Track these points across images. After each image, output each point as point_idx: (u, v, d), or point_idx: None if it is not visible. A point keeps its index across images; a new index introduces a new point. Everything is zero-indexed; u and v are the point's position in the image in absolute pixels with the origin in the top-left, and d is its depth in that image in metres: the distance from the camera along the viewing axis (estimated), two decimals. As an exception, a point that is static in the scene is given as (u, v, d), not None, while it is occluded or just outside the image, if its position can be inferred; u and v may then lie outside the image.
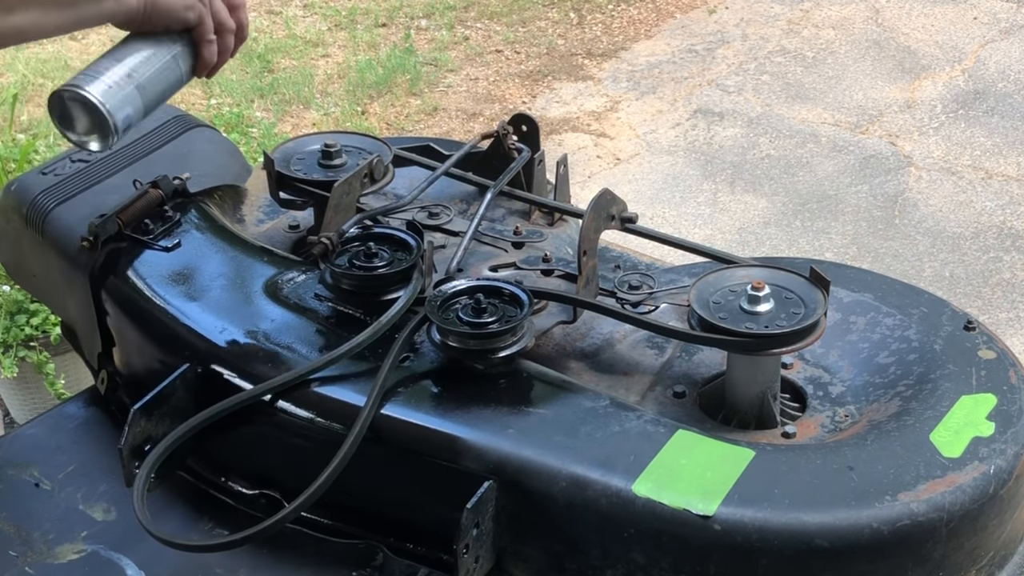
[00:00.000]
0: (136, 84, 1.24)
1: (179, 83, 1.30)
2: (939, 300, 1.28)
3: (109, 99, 1.21)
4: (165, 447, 1.12)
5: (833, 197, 3.83)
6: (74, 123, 1.22)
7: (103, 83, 1.22)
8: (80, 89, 1.21)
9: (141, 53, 1.26)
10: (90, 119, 1.21)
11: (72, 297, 1.42)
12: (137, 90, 1.24)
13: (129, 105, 1.23)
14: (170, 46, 1.28)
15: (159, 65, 1.27)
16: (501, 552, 1.11)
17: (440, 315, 1.17)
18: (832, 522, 1.00)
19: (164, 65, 1.27)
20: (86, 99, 1.20)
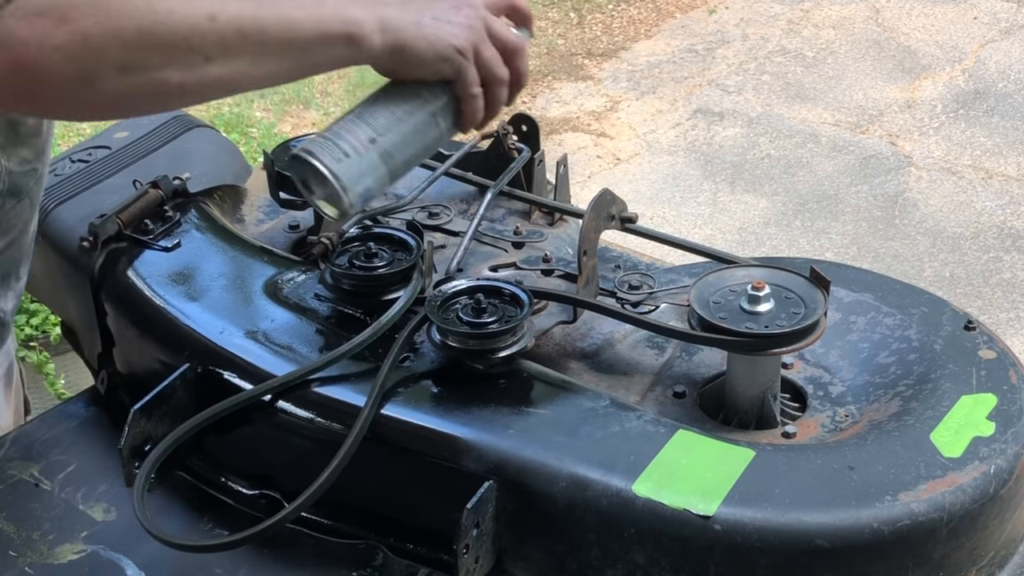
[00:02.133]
0: (380, 151, 1.05)
1: (438, 142, 1.11)
2: (939, 300, 1.28)
3: (344, 170, 1.03)
4: (165, 447, 1.12)
5: (833, 197, 3.84)
6: (311, 186, 1.06)
7: (339, 149, 1.04)
8: (312, 157, 1.04)
9: (392, 113, 1.06)
10: (324, 188, 1.05)
11: (72, 297, 1.42)
12: (381, 158, 1.05)
13: (369, 176, 1.05)
14: (429, 101, 1.07)
15: (412, 125, 1.07)
16: (501, 552, 1.11)
17: (440, 315, 1.17)
18: (832, 522, 1.00)
19: (418, 125, 1.07)
20: (315, 168, 1.03)
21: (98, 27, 0.94)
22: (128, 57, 0.95)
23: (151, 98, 1.02)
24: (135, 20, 0.95)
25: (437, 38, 1.04)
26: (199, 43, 0.97)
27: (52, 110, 1.07)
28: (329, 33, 1.01)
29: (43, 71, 0.94)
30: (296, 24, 1.00)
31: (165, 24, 0.96)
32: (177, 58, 0.97)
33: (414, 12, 1.04)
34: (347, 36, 1.02)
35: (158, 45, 0.96)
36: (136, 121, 1.61)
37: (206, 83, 1.00)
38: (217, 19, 0.97)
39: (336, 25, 1.01)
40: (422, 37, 1.03)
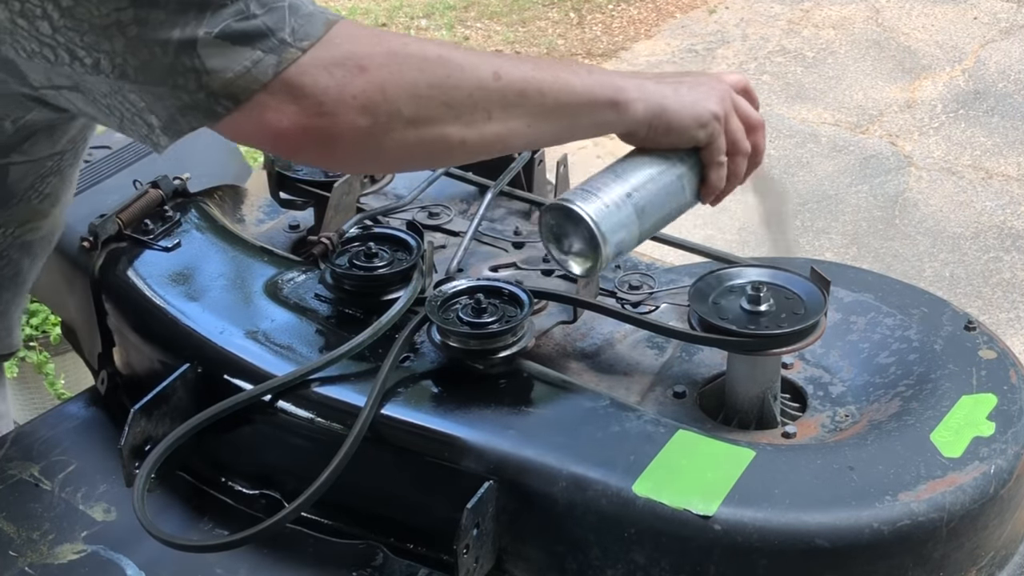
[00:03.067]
0: (635, 205, 1.07)
1: (682, 208, 1.13)
2: (939, 300, 1.28)
3: (604, 219, 1.05)
4: (165, 447, 1.12)
5: (833, 197, 3.83)
6: (562, 240, 1.08)
7: (599, 201, 1.06)
8: (574, 205, 1.05)
9: (644, 171, 1.09)
10: (581, 239, 1.06)
11: (72, 297, 1.42)
12: (635, 212, 1.07)
13: (624, 229, 1.06)
14: (677, 165, 1.10)
15: (663, 186, 1.09)
16: (501, 552, 1.11)
17: (440, 315, 1.17)
18: (832, 522, 1.00)
19: (668, 186, 1.10)
20: (579, 217, 1.04)
21: (393, 78, 0.96)
22: (419, 109, 0.97)
23: (434, 153, 1.04)
24: (427, 73, 0.98)
25: (696, 104, 1.08)
26: (483, 100, 1.00)
27: (343, 160, 1.08)
28: (598, 98, 1.05)
29: (340, 119, 0.95)
30: (570, 87, 1.04)
31: (455, 79, 0.99)
32: (462, 113, 0.99)
33: (671, 83, 1.09)
34: (614, 102, 1.06)
35: (446, 99, 0.98)
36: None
37: (484, 140, 1.02)
38: (502, 78, 1.00)
39: (605, 91, 1.05)
40: (681, 105, 1.08)
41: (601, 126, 1.08)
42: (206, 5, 0.91)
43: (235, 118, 0.95)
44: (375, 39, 0.99)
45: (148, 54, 0.92)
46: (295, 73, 0.94)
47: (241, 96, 0.94)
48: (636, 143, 1.11)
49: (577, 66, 1.07)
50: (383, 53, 0.97)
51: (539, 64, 1.04)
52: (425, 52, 0.99)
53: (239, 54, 0.92)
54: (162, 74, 0.93)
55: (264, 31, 0.93)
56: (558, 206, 1.07)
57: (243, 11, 0.92)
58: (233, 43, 0.92)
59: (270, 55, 0.93)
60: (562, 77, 1.04)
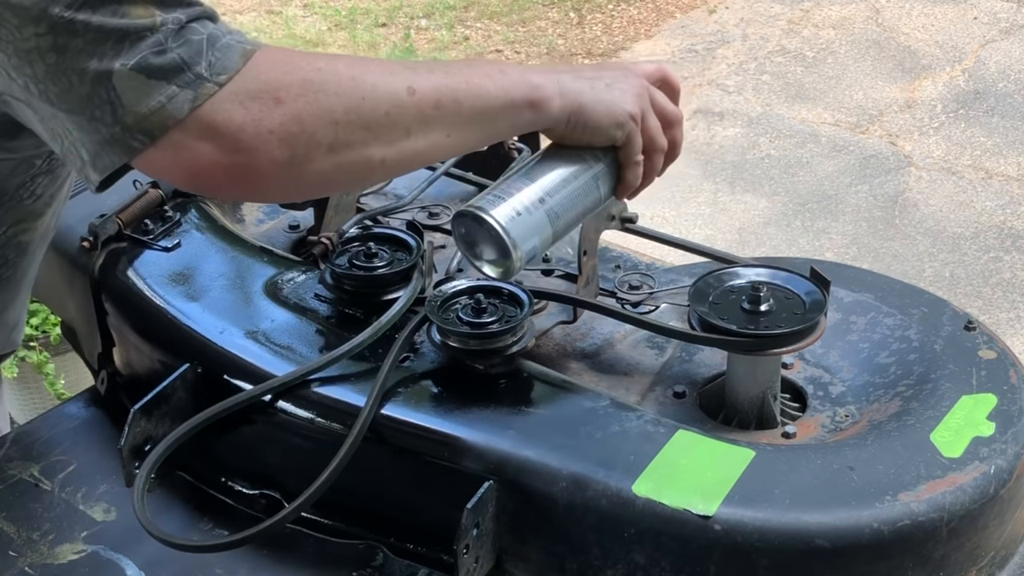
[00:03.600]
0: (547, 209, 1.06)
1: (595, 206, 1.13)
2: (939, 300, 1.28)
3: (515, 227, 1.04)
4: (165, 447, 1.12)
5: (833, 197, 3.83)
6: (475, 246, 1.08)
7: (510, 207, 1.05)
8: (484, 213, 1.04)
9: (558, 173, 1.08)
10: (492, 246, 1.06)
11: (72, 297, 1.42)
12: (547, 216, 1.06)
13: (536, 235, 1.06)
14: (591, 164, 1.09)
15: (576, 187, 1.08)
16: (501, 552, 1.11)
17: (440, 315, 1.17)
18: (832, 522, 1.00)
19: (582, 187, 1.09)
20: (489, 225, 1.04)
21: (309, 107, 0.94)
22: (337, 135, 0.96)
23: (355, 175, 1.04)
24: (343, 98, 0.96)
25: (612, 103, 1.07)
26: (400, 117, 0.98)
27: (263, 192, 1.07)
28: (515, 100, 1.04)
29: (259, 155, 0.94)
30: (485, 92, 1.02)
31: (371, 100, 0.97)
32: (381, 134, 0.98)
33: (587, 79, 1.07)
34: (531, 102, 1.04)
35: (364, 122, 0.97)
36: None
37: (404, 157, 1.01)
38: (416, 92, 0.98)
39: (521, 91, 1.04)
40: (599, 102, 1.06)
41: (520, 126, 1.07)
42: (124, 36, 0.89)
43: (151, 154, 0.93)
44: (290, 67, 0.96)
45: (67, 82, 0.90)
46: (210, 110, 0.91)
47: (156, 132, 0.91)
48: (554, 138, 1.10)
49: (488, 66, 1.05)
50: (298, 82, 0.94)
51: (451, 71, 1.02)
52: (339, 76, 0.97)
53: (154, 88, 0.90)
54: (80, 104, 0.91)
55: (180, 65, 0.91)
56: (468, 213, 1.06)
57: (160, 43, 0.90)
58: (148, 76, 0.90)
59: (186, 90, 0.91)
60: (475, 82, 1.02)
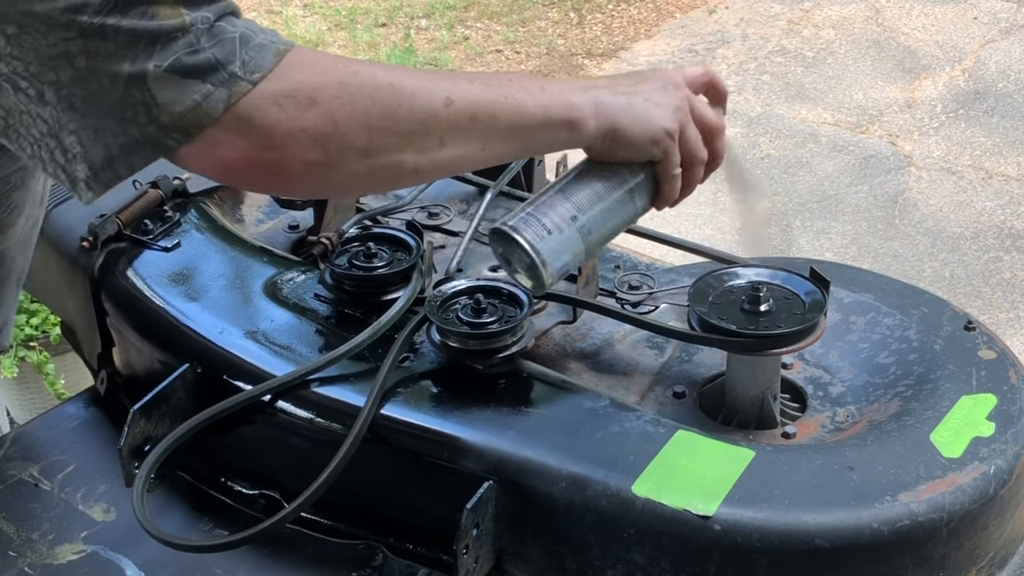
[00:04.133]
0: (579, 226, 1.07)
1: (632, 219, 1.12)
2: (939, 300, 1.28)
3: (544, 245, 1.05)
4: (165, 447, 1.12)
5: (833, 197, 3.83)
6: (511, 260, 1.08)
7: (540, 225, 1.05)
8: (516, 233, 1.05)
9: (593, 187, 1.08)
10: (523, 264, 1.07)
11: (72, 297, 1.42)
12: (579, 233, 1.07)
13: (568, 252, 1.07)
14: (627, 178, 1.09)
15: (611, 202, 1.08)
16: (501, 552, 1.11)
17: (440, 315, 1.17)
18: (832, 522, 1.00)
19: (616, 203, 1.09)
20: (518, 243, 1.05)
21: (344, 109, 0.95)
22: (371, 140, 0.96)
23: (387, 180, 1.04)
24: (379, 103, 0.96)
25: (648, 121, 1.05)
26: (435, 127, 0.98)
27: (294, 188, 1.09)
28: (552, 119, 1.03)
29: (291, 152, 0.94)
30: (523, 109, 1.02)
31: (407, 108, 0.97)
32: (415, 141, 0.98)
33: (624, 94, 1.06)
34: (568, 121, 1.04)
35: (398, 128, 0.97)
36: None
37: (437, 165, 1.01)
38: (453, 104, 0.98)
39: (558, 110, 1.03)
40: (635, 121, 1.05)
41: (556, 145, 1.06)
42: (156, 38, 0.90)
43: (186, 150, 0.94)
44: (326, 68, 0.97)
45: (96, 86, 0.91)
46: (245, 107, 0.92)
47: (192, 130, 0.92)
48: (591, 155, 1.10)
49: (529, 82, 1.05)
50: (334, 84, 0.95)
51: (491, 84, 1.02)
52: (376, 80, 0.97)
53: (189, 88, 0.91)
54: (112, 106, 0.91)
55: (214, 64, 0.91)
56: (500, 232, 1.07)
57: (193, 44, 0.91)
58: (183, 76, 0.91)
59: (220, 89, 0.91)
60: (514, 98, 1.02)
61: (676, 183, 1.10)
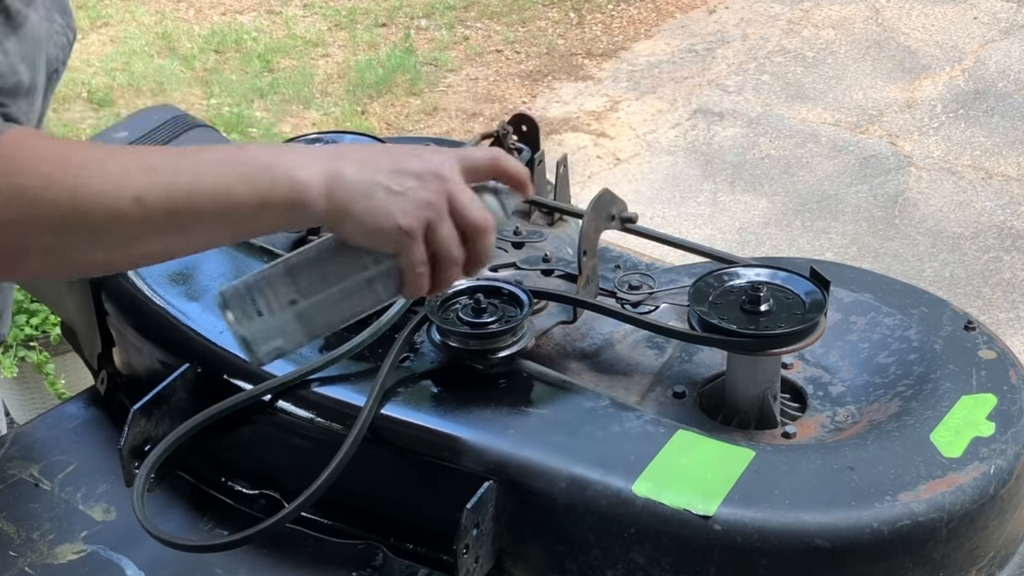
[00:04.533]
0: (298, 313, 0.97)
1: (374, 306, 1.02)
2: (939, 300, 1.28)
3: (253, 329, 0.97)
4: (165, 447, 1.12)
5: (833, 197, 3.83)
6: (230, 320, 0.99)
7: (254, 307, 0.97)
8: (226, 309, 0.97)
9: (324, 271, 0.98)
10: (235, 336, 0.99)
11: (72, 297, 1.42)
12: (298, 319, 0.98)
13: (281, 337, 0.98)
14: (369, 265, 0.98)
15: (342, 290, 0.98)
16: (501, 552, 1.11)
17: (440, 315, 1.17)
18: (832, 522, 1.00)
19: (349, 290, 0.98)
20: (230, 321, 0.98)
21: (20, 214, 0.89)
22: (52, 241, 0.91)
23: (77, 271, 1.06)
24: (59, 208, 0.90)
25: (385, 214, 0.94)
26: (125, 226, 0.91)
27: None
28: (271, 203, 0.93)
29: None
30: (233, 196, 0.93)
31: (91, 211, 0.90)
32: (103, 240, 0.92)
33: (370, 175, 0.95)
34: (290, 203, 0.93)
35: (82, 229, 0.91)
36: (136, 121, 1.61)
37: (134, 258, 0.97)
38: (144, 202, 0.90)
39: (281, 192, 0.93)
40: (368, 211, 0.94)
41: (281, 224, 0.99)
42: None
43: None
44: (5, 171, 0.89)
45: None
46: None
47: None
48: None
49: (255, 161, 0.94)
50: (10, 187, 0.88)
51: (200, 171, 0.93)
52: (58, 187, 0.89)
53: None
54: None
55: None
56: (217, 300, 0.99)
57: None
58: None
59: None
60: (224, 186, 0.92)
61: (422, 280, 0.97)
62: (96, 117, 4.28)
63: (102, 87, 4.47)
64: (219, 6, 5.31)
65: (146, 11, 5.20)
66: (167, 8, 5.26)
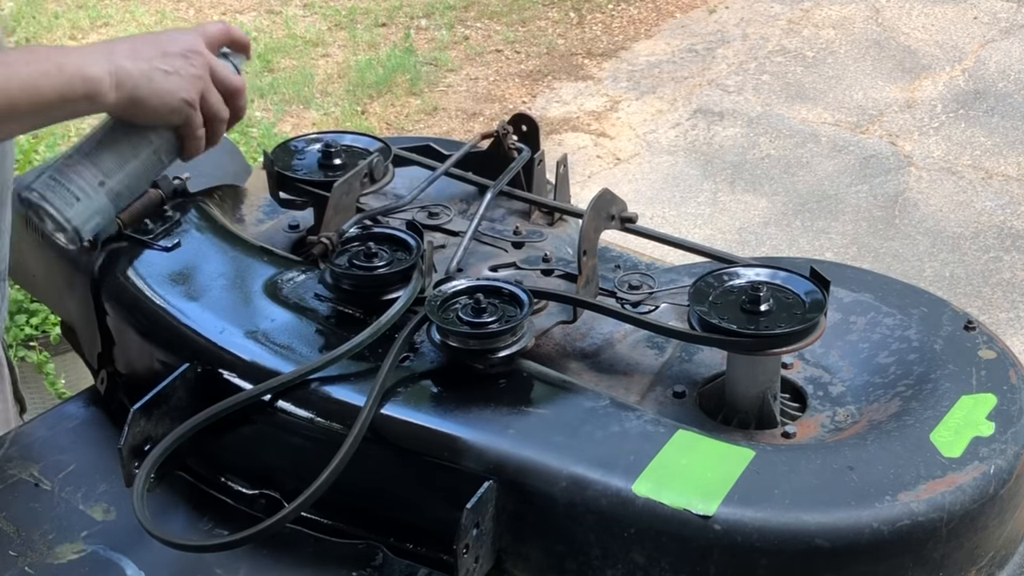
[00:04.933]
0: (108, 189, 1.19)
1: (159, 172, 1.27)
2: (939, 300, 1.28)
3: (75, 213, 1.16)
4: (165, 447, 1.12)
5: (833, 197, 3.83)
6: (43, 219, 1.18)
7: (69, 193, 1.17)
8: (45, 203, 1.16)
9: (117, 150, 1.19)
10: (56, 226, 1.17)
11: (72, 297, 1.42)
12: (108, 196, 1.19)
13: (99, 215, 1.19)
14: (152, 140, 1.20)
15: (136, 165, 1.20)
16: (501, 552, 1.11)
17: (440, 315, 1.17)
18: (832, 522, 1.00)
19: (144, 164, 1.21)
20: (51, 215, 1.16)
21: None
22: None
23: None
24: None
25: (168, 92, 1.15)
26: None
27: None
28: (69, 96, 1.12)
29: None
30: (40, 92, 1.11)
31: None
32: None
33: (145, 63, 1.15)
34: (86, 96, 1.13)
35: None
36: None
37: None
38: None
39: (75, 87, 1.12)
40: (154, 93, 1.15)
41: (79, 113, 1.15)
42: None
43: None
44: None
45: None
46: None
47: None
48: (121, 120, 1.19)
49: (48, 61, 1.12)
50: None
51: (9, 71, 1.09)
52: None
53: None
54: None
55: None
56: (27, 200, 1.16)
57: None
58: None
59: None
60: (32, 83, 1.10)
61: (199, 142, 1.21)
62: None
63: (102, 87, 4.47)
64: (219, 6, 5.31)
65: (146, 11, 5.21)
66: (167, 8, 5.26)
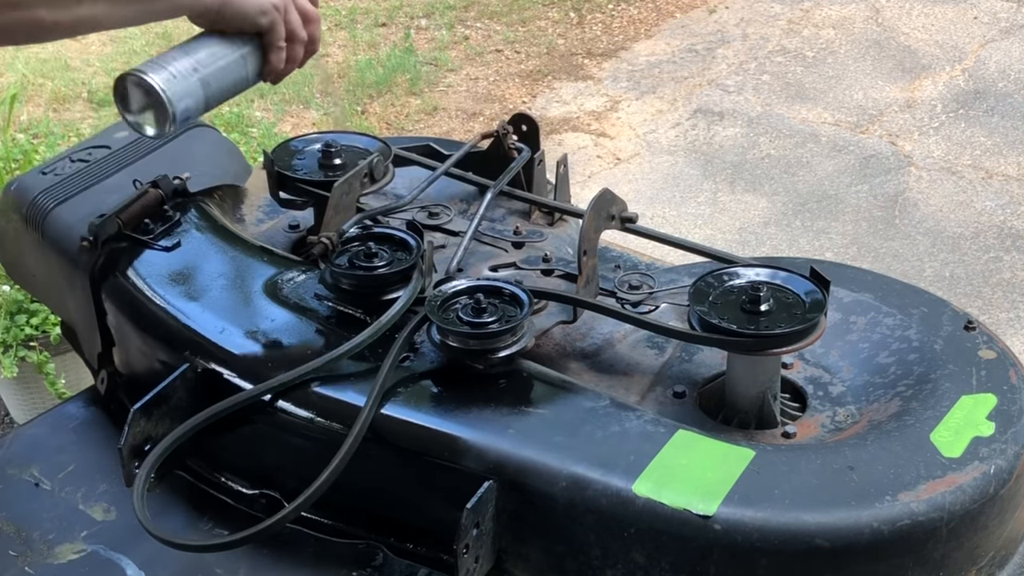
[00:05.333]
0: (200, 77, 1.26)
1: (244, 83, 1.32)
2: (939, 300, 1.28)
3: (171, 87, 1.23)
4: (165, 447, 1.12)
5: (833, 197, 3.83)
6: (131, 102, 1.25)
7: (167, 72, 1.24)
8: (144, 75, 1.23)
9: (210, 48, 1.28)
10: (150, 105, 1.24)
11: (72, 297, 1.42)
12: (200, 83, 1.26)
13: (190, 97, 1.25)
14: (240, 46, 1.29)
15: (226, 62, 1.28)
16: (501, 552, 1.11)
17: (440, 315, 1.17)
18: (832, 522, 1.00)
19: (231, 63, 1.29)
20: (150, 85, 1.22)
21: None
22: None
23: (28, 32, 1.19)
24: None
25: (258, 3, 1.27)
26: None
27: None
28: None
29: None
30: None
31: None
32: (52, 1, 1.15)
33: None
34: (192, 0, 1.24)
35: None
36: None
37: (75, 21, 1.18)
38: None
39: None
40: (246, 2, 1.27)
41: (176, 9, 1.26)
42: None
43: None
44: None
45: None
46: None
47: None
48: (206, 25, 1.28)
49: None
50: None
51: None
52: None
53: None
54: None
55: None
56: (131, 76, 1.24)
57: None
58: None
59: None
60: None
61: (281, 55, 1.31)
62: (96, 117, 4.28)
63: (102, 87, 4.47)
64: (219, 6, 5.29)
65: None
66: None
